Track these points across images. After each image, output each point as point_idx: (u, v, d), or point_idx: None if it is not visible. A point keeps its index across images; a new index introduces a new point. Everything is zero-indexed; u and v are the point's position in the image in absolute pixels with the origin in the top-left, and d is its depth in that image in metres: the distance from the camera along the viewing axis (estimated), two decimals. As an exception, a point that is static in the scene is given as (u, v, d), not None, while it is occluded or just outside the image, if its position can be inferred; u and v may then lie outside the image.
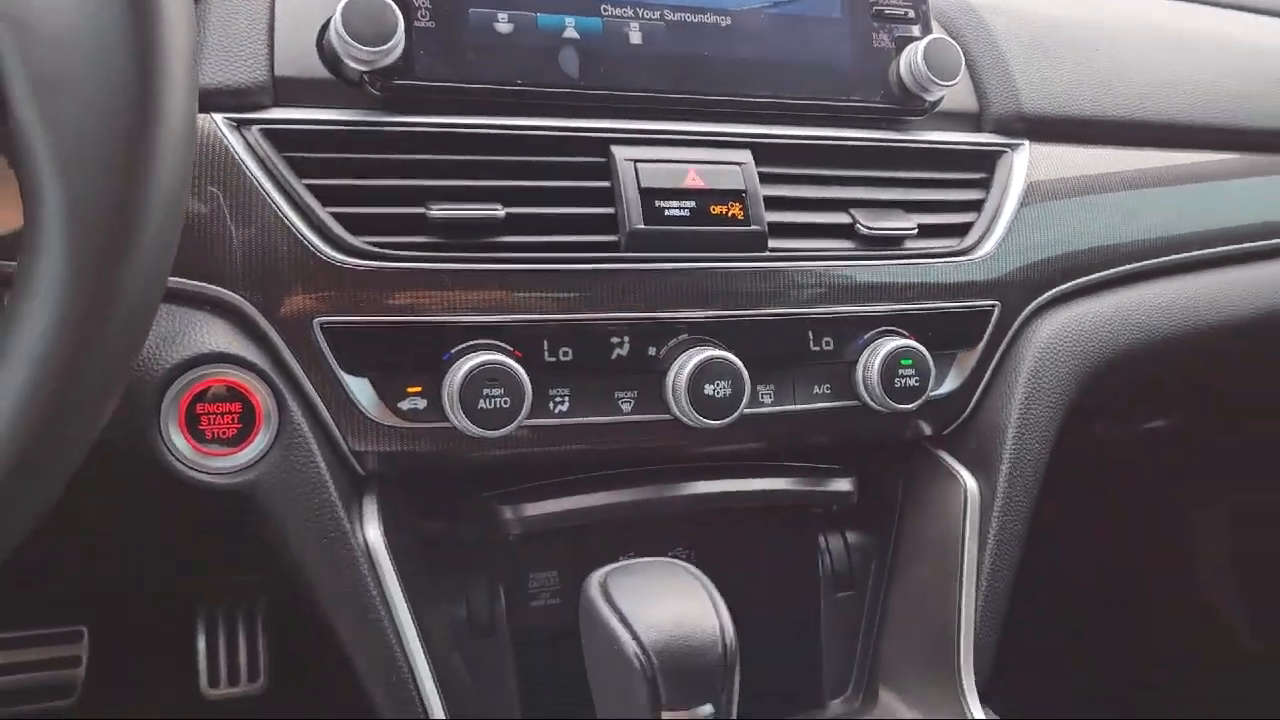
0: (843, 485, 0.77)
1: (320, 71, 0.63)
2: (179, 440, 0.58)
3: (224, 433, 0.59)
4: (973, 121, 0.80)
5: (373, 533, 0.63)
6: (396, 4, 0.60)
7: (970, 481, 0.76)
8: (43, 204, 0.39)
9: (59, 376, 0.39)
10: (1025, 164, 0.79)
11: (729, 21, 0.71)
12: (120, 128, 0.39)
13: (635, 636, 0.46)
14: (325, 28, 0.63)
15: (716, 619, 0.47)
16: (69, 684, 1.09)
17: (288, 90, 0.63)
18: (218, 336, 0.59)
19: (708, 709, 0.46)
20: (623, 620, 0.46)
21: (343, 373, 0.61)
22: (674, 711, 0.46)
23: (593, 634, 0.48)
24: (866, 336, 0.72)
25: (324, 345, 0.61)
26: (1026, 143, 0.80)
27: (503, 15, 0.65)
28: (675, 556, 0.78)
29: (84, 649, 1.09)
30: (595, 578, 0.49)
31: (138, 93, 0.39)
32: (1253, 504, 1.43)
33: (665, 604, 0.47)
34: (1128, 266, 0.83)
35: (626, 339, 0.66)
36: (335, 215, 0.61)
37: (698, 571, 0.49)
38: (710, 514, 0.77)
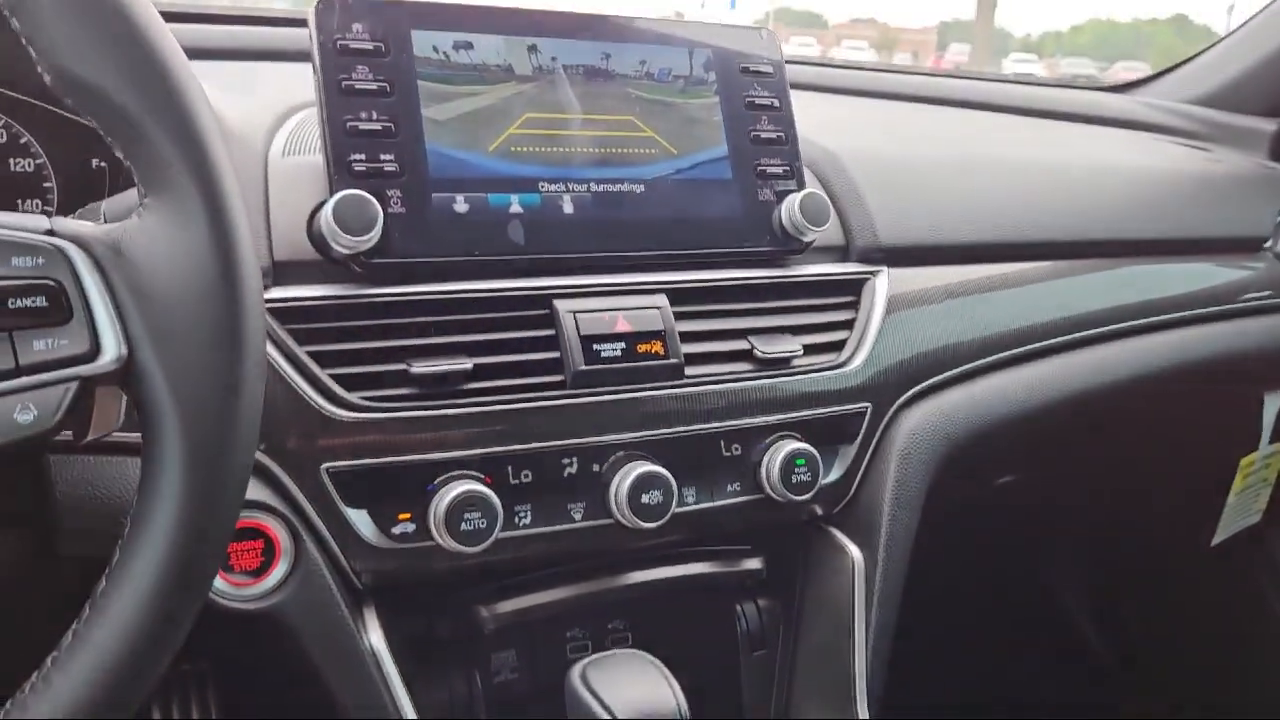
0: (753, 564, 0.92)
1: (310, 254, 0.76)
2: (212, 574, 0.70)
3: (249, 565, 0.71)
4: (842, 253, 0.97)
5: (376, 638, 0.75)
6: (375, 196, 0.74)
7: (856, 552, 0.92)
8: (161, 425, 0.51)
9: (181, 578, 0.51)
10: (885, 286, 0.96)
11: (643, 189, 0.86)
12: (219, 362, 0.52)
13: (614, 718, 0.59)
14: (313, 217, 0.76)
15: (674, 699, 0.61)
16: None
17: (284, 271, 0.75)
18: (242, 486, 0.71)
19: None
20: (603, 704, 0.60)
21: (345, 507, 0.74)
22: (646, 772, 0.60)
23: (578, 715, 0.61)
24: (766, 441, 0.87)
25: (330, 487, 0.73)
26: (885, 269, 0.97)
27: (460, 197, 0.79)
28: (614, 629, 0.93)
29: None
30: (576, 670, 0.63)
31: (230, 336, 0.52)
32: (1095, 536, 1.65)
33: (634, 689, 0.61)
34: (973, 364, 1.01)
35: (575, 460, 0.81)
36: (333, 376, 0.73)
37: (656, 661, 0.63)
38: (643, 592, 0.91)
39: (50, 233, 0.51)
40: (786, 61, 0.95)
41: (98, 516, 0.68)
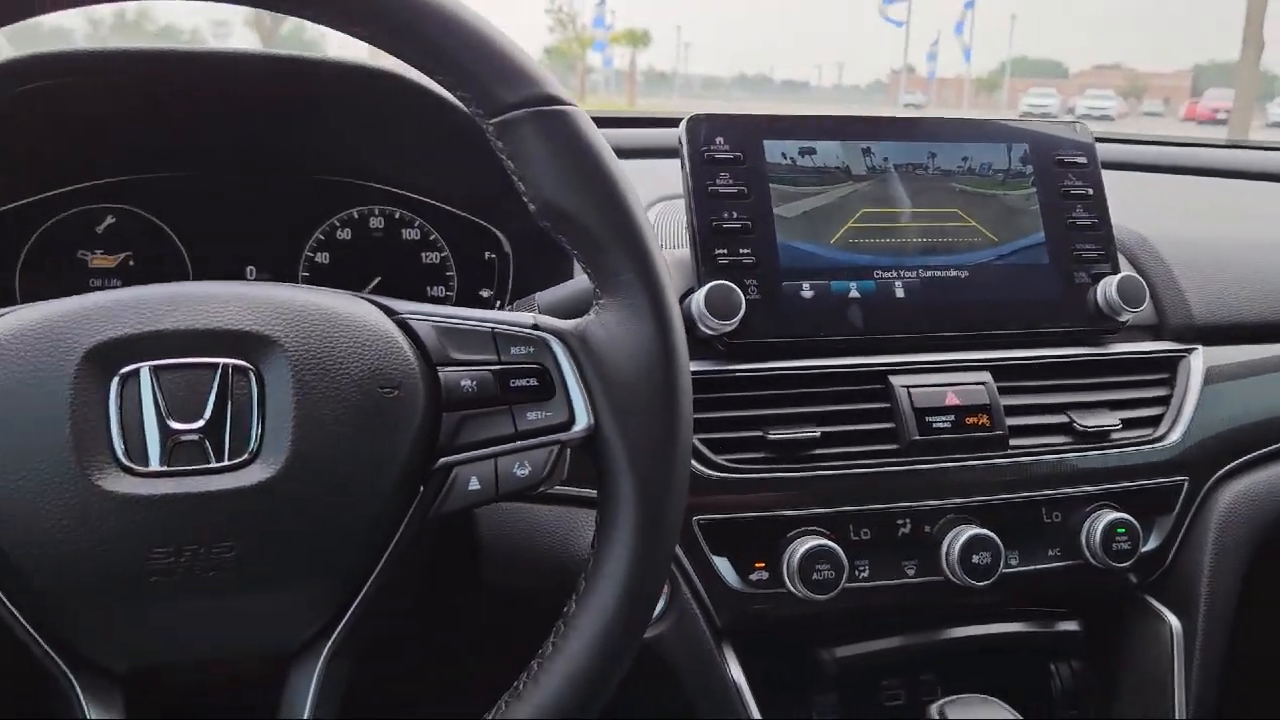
0: (1070, 626, 0.97)
1: (680, 334, 0.89)
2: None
3: (636, 600, 0.83)
4: (1155, 331, 1.01)
5: (737, 672, 0.86)
6: (736, 285, 0.86)
7: (1175, 622, 0.95)
8: (619, 480, 0.63)
9: (637, 597, 0.63)
10: (1201, 364, 0.99)
11: (967, 274, 0.94)
12: (664, 429, 0.64)
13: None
14: (680, 303, 0.88)
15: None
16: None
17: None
18: (629, 533, 0.83)
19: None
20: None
21: (712, 555, 0.85)
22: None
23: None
24: (1087, 510, 0.92)
25: (699, 535, 0.85)
26: (1200, 347, 1.00)
27: (806, 284, 0.90)
28: (925, 680, 0.99)
29: None
30: (934, 708, 0.71)
31: (671, 408, 0.64)
32: None
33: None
34: (1292, 439, 1.02)
35: (908, 520, 0.89)
36: (703, 441, 0.85)
37: (1009, 708, 0.70)
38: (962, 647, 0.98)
39: (535, 328, 0.65)
40: (1096, 140, 1.01)
41: (525, 553, 0.82)
